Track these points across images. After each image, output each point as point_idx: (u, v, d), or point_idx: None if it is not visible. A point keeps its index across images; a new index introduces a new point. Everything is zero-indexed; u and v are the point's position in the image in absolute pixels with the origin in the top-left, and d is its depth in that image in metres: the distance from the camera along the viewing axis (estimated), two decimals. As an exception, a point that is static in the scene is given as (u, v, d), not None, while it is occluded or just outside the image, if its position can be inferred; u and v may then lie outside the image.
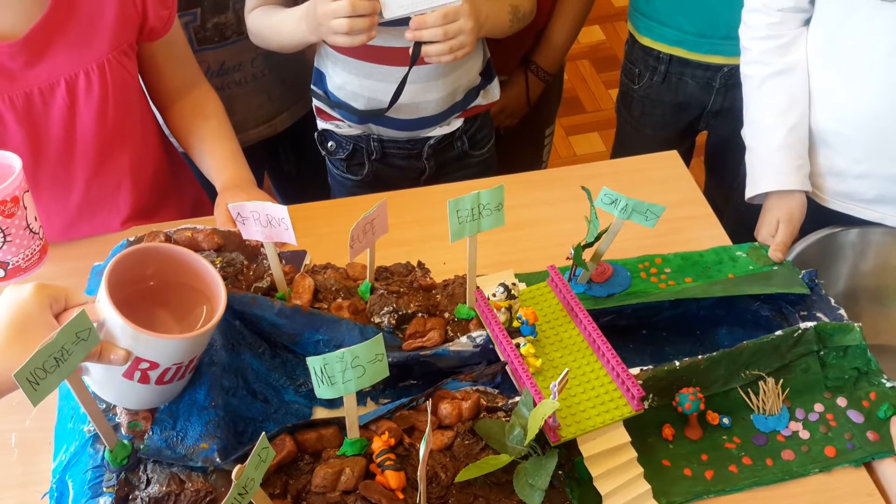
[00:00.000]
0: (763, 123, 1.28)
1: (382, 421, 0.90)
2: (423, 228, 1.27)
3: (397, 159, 1.50)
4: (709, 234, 1.27)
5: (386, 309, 1.04)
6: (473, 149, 1.54)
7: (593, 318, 1.04)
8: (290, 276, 1.06)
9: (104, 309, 0.79)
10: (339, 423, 0.88)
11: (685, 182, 1.36)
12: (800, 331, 1.02)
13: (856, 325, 1.03)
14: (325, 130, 1.49)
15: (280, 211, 0.96)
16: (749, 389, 1.01)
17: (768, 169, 1.26)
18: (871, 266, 1.24)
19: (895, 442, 0.95)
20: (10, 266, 1.05)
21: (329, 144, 1.50)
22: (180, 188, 1.44)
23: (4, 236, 1.01)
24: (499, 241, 1.26)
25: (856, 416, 0.99)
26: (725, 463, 0.96)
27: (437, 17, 1.23)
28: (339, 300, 1.03)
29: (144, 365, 0.82)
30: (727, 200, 1.79)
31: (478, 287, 1.12)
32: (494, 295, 1.02)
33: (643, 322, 1.12)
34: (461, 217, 0.99)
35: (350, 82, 1.39)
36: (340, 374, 0.81)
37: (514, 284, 1.05)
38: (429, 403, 0.79)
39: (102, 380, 0.85)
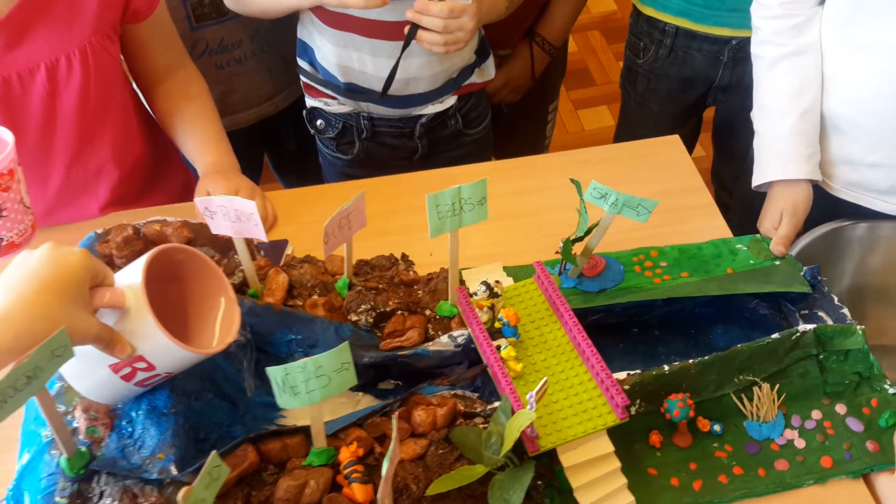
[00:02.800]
0: (773, 108, 1.21)
1: (352, 429, 0.86)
2: (412, 216, 1.22)
3: (389, 138, 1.44)
4: (709, 224, 1.21)
5: (363, 306, 0.99)
6: (468, 127, 1.48)
7: (582, 317, 1.00)
8: (266, 271, 1.02)
9: (136, 302, 0.76)
10: (306, 432, 0.84)
11: (686, 169, 1.30)
12: (798, 333, 0.96)
13: (858, 327, 0.97)
14: (313, 108, 1.44)
15: (248, 206, 0.91)
16: (742, 395, 0.96)
17: (776, 156, 1.19)
18: (879, 262, 1.18)
19: None
20: (5, 241, 1.00)
21: (318, 122, 1.45)
22: (167, 173, 1.39)
23: (0, 210, 0.97)
24: (491, 230, 1.21)
25: (855, 425, 0.94)
26: (715, 472, 0.92)
27: (442, 8, 1.19)
28: (315, 297, 0.99)
29: (141, 364, 0.78)
30: (736, 178, 1.72)
31: (461, 283, 1.08)
32: (476, 294, 0.97)
33: (634, 320, 1.07)
34: (441, 212, 0.94)
35: (339, 55, 1.33)
36: (304, 384, 0.77)
37: (497, 282, 1.00)
38: (394, 419, 0.75)
39: (82, 368, 0.81)
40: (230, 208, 0.92)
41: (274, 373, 0.76)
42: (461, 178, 1.33)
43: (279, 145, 1.79)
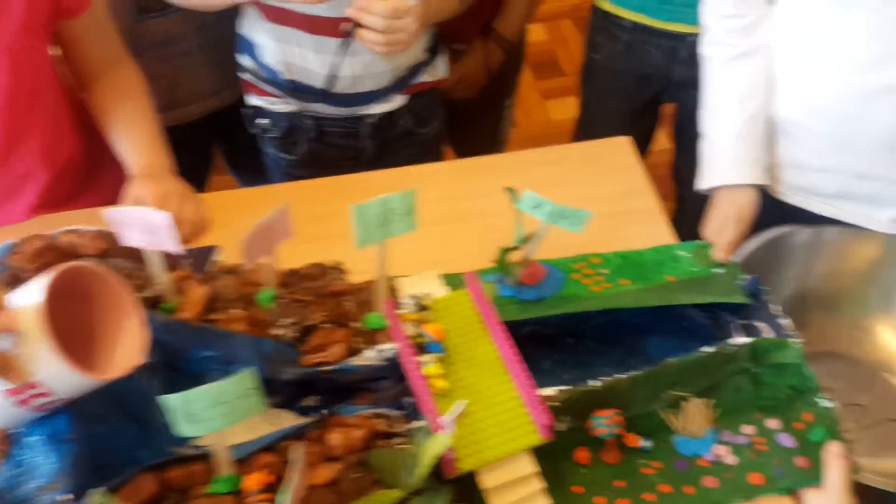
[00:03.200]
0: (721, 110, 1.19)
1: (262, 454, 0.83)
2: (356, 220, 1.19)
3: (336, 138, 1.41)
4: (654, 229, 1.18)
5: (287, 320, 0.96)
6: (419, 126, 1.45)
7: (516, 328, 0.97)
8: (186, 282, 0.99)
9: (34, 325, 0.72)
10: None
11: (635, 172, 1.27)
12: (732, 347, 0.94)
13: (793, 341, 0.95)
14: (256, 107, 1.40)
15: (161, 218, 0.88)
16: (672, 410, 0.93)
17: (722, 160, 1.17)
18: (824, 268, 1.15)
19: (828, 469, 0.88)
20: None
21: (261, 122, 1.41)
22: (103, 173, 1.35)
23: None
24: (439, 235, 1.18)
25: (787, 440, 0.91)
26: (642, 490, 0.90)
27: (385, 7, 1.15)
28: (236, 310, 0.96)
29: (38, 390, 0.75)
30: (694, 175, 1.69)
31: (391, 293, 1.05)
32: (402, 307, 0.95)
33: (571, 330, 1.04)
34: (368, 223, 0.91)
35: (281, 52, 1.29)
36: (204, 412, 0.74)
37: (426, 295, 0.97)
38: (297, 449, 0.72)
39: None
40: (142, 220, 0.88)
41: (170, 402, 0.73)
42: (411, 178, 1.31)
43: (230, 140, 1.75)
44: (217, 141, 1.76)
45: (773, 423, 0.93)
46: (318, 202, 1.26)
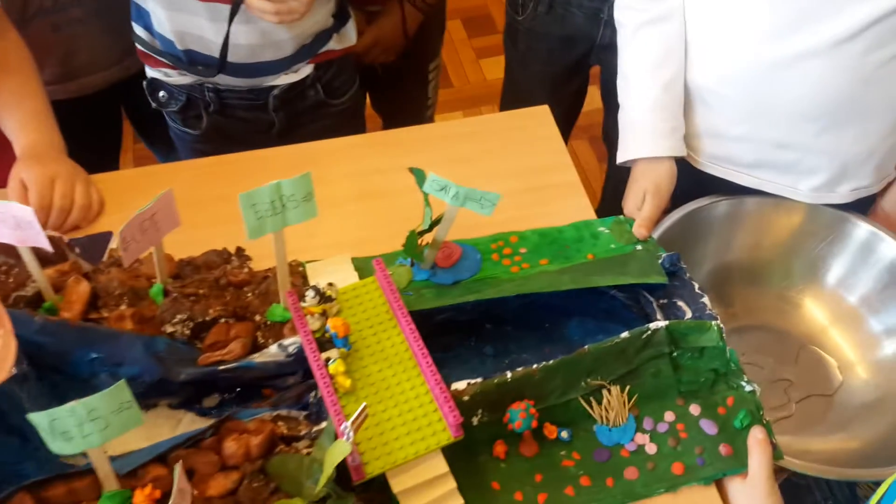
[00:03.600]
0: (635, 79, 1.13)
1: (152, 465, 0.77)
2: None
3: (240, 111, 1.32)
4: (574, 203, 1.14)
5: (179, 316, 0.89)
6: (331, 97, 1.37)
7: (431, 315, 0.92)
8: (69, 277, 0.91)
9: None
10: (99, 472, 0.75)
11: (554, 144, 1.22)
12: (649, 332, 0.90)
13: (714, 322, 0.92)
14: (153, 79, 1.30)
15: (25, 212, 0.79)
16: (591, 398, 0.90)
17: (639, 132, 1.12)
18: (746, 240, 1.12)
19: (751, 457, 0.85)
20: None
21: (160, 95, 1.31)
22: None
23: None
24: (355, 212, 1.12)
25: (709, 427, 0.89)
26: (561, 484, 0.86)
27: None
28: (123, 307, 0.88)
29: None
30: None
31: (301, 280, 0.99)
32: (304, 300, 0.88)
33: (488, 315, 1.00)
34: (259, 212, 0.84)
35: (174, 20, 1.19)
36: (77, 429, 0.67)
37: (330, 285, 0.91)
38: (177, 469, 0.65)
39: None
40: (7, 214, 0.80)
41: (38, 419, 0.66)
42: (323, 153, 1.23)
43: (139, 113, 1.64)
44: (125, 112, 1.65)
45: (694, 409, 0.90)
46: (223, 180, 1.18)
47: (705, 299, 0.96)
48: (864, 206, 1.14)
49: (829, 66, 0.99)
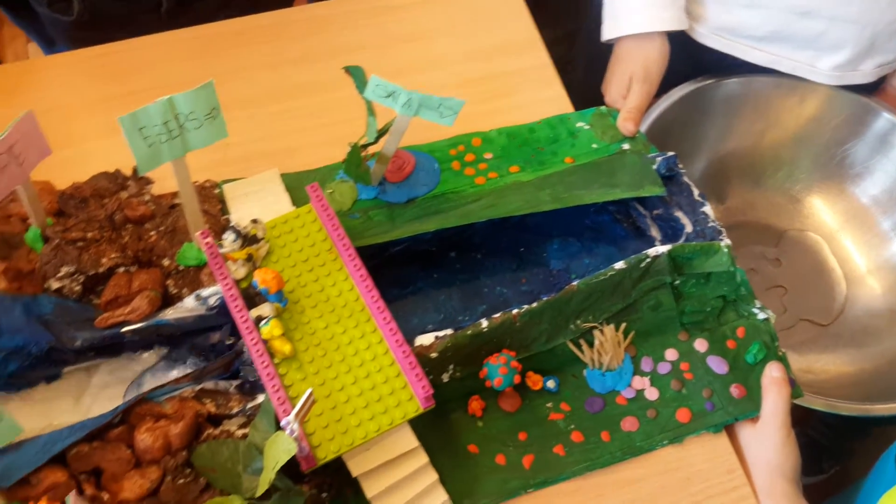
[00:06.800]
0: None
1: (49, 469, 0.61)
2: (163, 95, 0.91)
3: (117, -13, 1.07)
4: (546, 94, 0.95)
5: (65, 269, 0.70)
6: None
7: (381, 248, 0.75)
8: (-86, 228, 0.70)
9: None
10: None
11: (521, 23, 1.01)
12: (648, 259, 0.75)
13: (723, 244, 0.77)
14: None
15: None
16: (581, 339, 0.75)
17: (628, 1, 0.92)
18: (752, 126, 0.95)
19: (765, 399, 0.72)
20: None
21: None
22: None
23: None
24: (279, 114, 0.95)
25: (717, 365, 0.75)
26: (549, 443, 0.73)
27: None
28: (-10, 264, 0.69)
29: None
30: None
31: (219, 205, 0.80)
32: (222, 245, 0.70)
33: (450, 241, 0.83)
34: (149, 138, 0.64)
35: None
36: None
37: (255, 221, 0.72)
38: (70, 499, 0.49)
39: None
40: None
41: None
42: (229, 36, 1.01)
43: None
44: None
45: (700, 345, 0.76)
46: (108, 76, 0.97)
47: (707, 208, 0.81)
48: (872, 86, 0.98)
49: None
